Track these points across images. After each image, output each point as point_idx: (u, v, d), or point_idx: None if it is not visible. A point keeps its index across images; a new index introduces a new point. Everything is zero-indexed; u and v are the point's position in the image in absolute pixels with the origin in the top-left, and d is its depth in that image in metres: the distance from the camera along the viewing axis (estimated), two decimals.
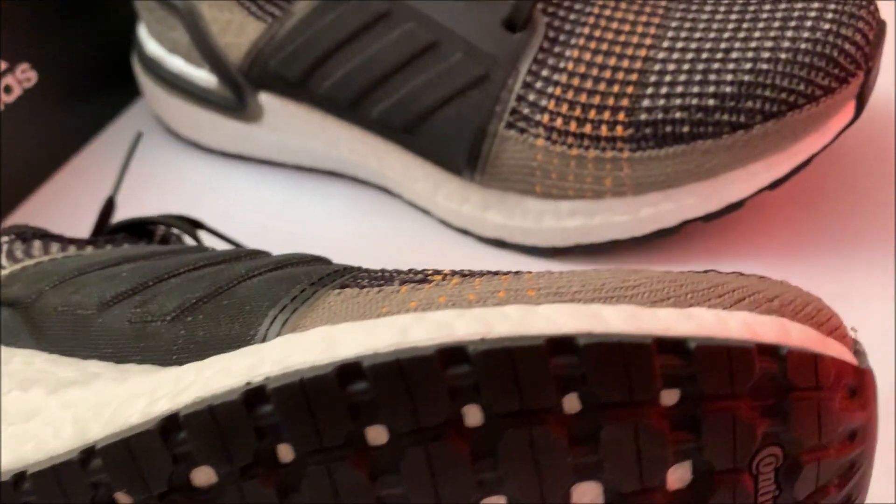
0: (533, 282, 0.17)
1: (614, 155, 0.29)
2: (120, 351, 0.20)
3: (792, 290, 0.18)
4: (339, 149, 0.35)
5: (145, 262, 0.22)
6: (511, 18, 0.30)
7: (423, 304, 0.17)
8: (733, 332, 0.15)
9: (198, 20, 0.35)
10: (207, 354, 0.18)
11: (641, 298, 0.16)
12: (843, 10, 0.28)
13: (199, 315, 0.19)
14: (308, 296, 0.18)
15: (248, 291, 0.19)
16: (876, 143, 0.33)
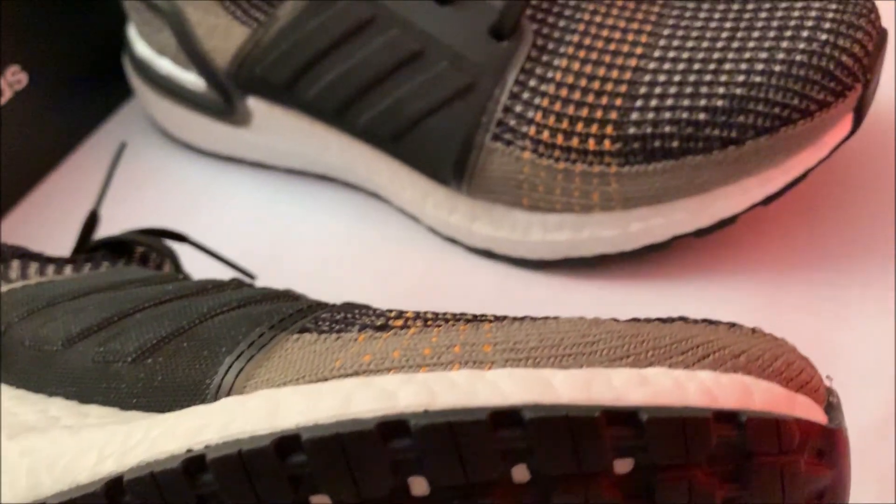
0: (491, 335, 0.17)
1: (602, 169, 0.28)
2: (83, 390, 0.20)
3: (761, 343, 0.17)
4: (329, 154, 0.34)
5: (114, 294, 0.22)
6: (498, 26, 0.29)
7: (377, 358, 0.16)
8: (690, 399, 0.15)
9: (183, 23, 0.34)
10: (164, 402, 0.18)
11: (599, 357, 0.16)
12: (841, 20, 0.27)
13: (159, 357, 0.19)
14: (266, 341, 0.18)
15: (208, 333, 0.19)
16: (875, 155, 0.32)
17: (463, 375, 0.15)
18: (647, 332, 0.17)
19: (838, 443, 0.17)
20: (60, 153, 0.39)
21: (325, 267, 0.33)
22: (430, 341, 0.17)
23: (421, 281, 0.32)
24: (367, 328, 0.18)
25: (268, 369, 0.17)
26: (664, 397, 0.15)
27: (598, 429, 0.14)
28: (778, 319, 0.28)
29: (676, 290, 0.30)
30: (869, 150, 0.32)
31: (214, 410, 0.15)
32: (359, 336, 0.17)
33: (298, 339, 0.18)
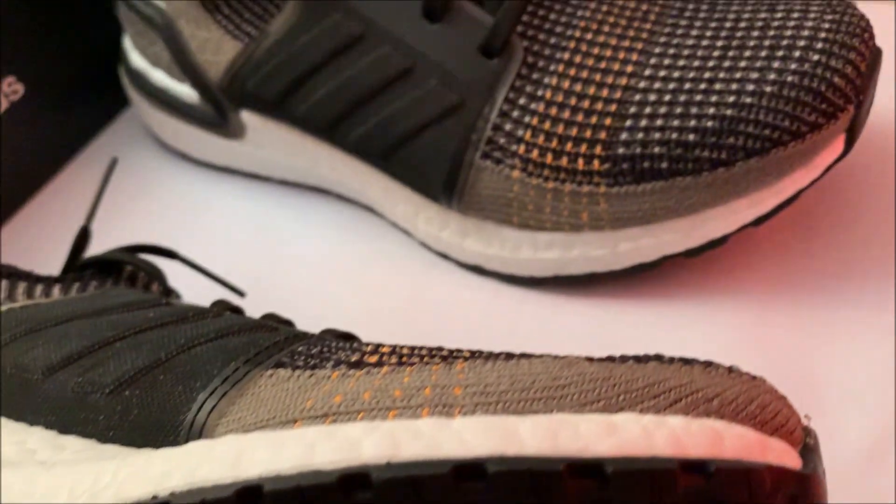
0: (463, 376, 0.17)
1: (591, 189, 0.28)
2: (63, 420, 0.20)
3: (736, 386, 0.17)
4: (321, 168, 0.34)
5: (96, 320, 0.22)
6: (487, 44, 0.29)
7: (348, 399, 0.16)
8: (658, 448, 0.15)
9: (176, 36, 0.34)
10: (139, 437, 0.18)
11: (570, 401, 0.16)
12: (833, 40, 0.27)
13: (136, 390, 0.19)
14: (240, 377, 0.18)
15: (184, 366, 0.19)
16: (869, 174, 0.32)
17: (429, 424, 0.15)
18: (620, 374, 0.16)
19: (813, 488, 0.16)
20: (57, 163, 0.39)
21: (317, 280, 0.33)
22: (402, 382, 0.16)
23: (412, 296, 0.32)
24: (341, 364, 0.18)
25: (240, 407, 0.17)
26: (631, 447, 0.15)
27: (562, 482, 0.14)
28: (767, 340, 0.28)
29: (666, 309, 0.29)
30: (863, 169, 0.32)
31: (182, 455, 0.15)
32: (332, 373, 0.17)
33: (273, 374, 0.18)
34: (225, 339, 0.20)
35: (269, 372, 0.18)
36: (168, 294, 0.26)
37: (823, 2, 0.28)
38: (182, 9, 0.33)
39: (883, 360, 0.27)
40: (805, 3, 0.28)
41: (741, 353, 0.28)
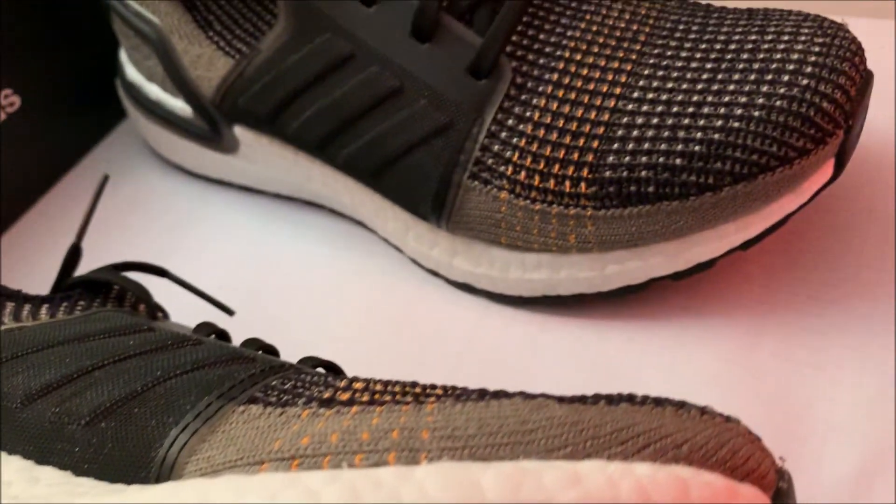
0: (432, 418, 0.17)
1: (578, 212, 0.28)
2: (40, 450, 0.20)
3: (707, 430, 0.17)
4: (314, 183, 0.34)
5: (77, 347, 0.22)
6: (476, 65, 0.29)
7: (315, 442, 0.16)
8: (623, 498, 0.15)
9: (169, 51, 0.34)
10: (112, 471, 0.18)
11: (537, 447, 0.16)
12: (823, 64, 0.26)
13: (111, 422, 0.19)
14: (212, 412, 0.18)
15: (159, 399, 0.19)
16: (862, 193, 0.32)
17: (391, 473, 0.15)
18: (589, 418, 0.16)
19: None
20: (54, 174, 0.40)
21: (309, 295, 0.33)
22: (370, 424, 0.17)
23: (402, 313, 0.32)
24: (312, 401, 0.18)
25: (211, 445, 0.17)
26: (596, 498, 0.15)
27: None
28: (755, 365, 0.28)
29: (654, 331, 0.29)
30: (855, 191, 0.32)
31: (148, 499, 0.15)
32: (303, 412, 0.17)
33: (245, 410, 0.18)
34: (201, 372, 0.20)
35: (241, 408, 0.18)
36: (154, 315, 0.26)
37: (815, 24, 0.28)
38: (175, 25, 0.33)
39: (872, 387, 0.27)
40: (796, 25, 0.28)
41: (728, 377, 0.28)
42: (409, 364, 0.30)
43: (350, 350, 0.31)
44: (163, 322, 0.26)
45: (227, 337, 0.26)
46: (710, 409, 0.18)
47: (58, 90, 0.39)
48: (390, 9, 0.29)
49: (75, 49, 0.39)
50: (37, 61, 0.37)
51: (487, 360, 0.30)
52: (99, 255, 0.36)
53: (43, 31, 0.38)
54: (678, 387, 0.28)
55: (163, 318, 0.28)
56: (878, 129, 0.34)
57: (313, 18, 0.30)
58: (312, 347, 0.31)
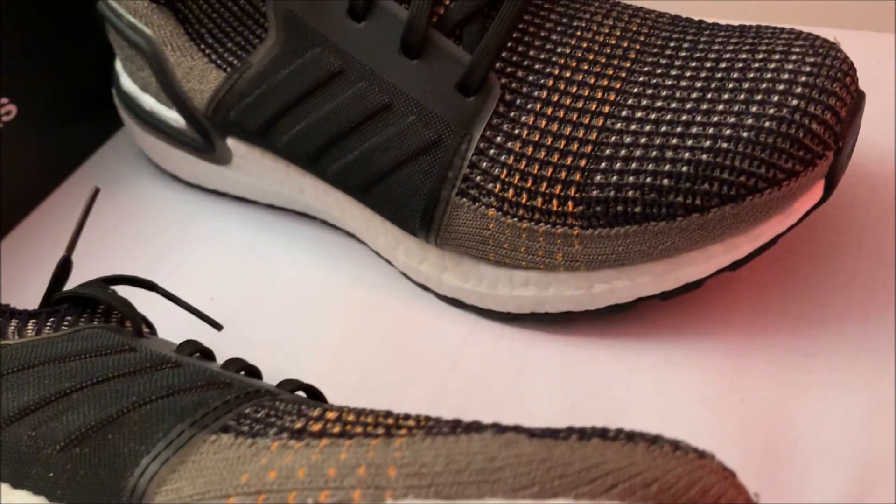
0: (399, 454, 0.17)
1: (565, 231, 0.28)
2: (17, 474, 0.20)
3: (679, 468, 0.17)
4: (306, 196, 0.34)
5: (58, 367, 0.22)
6: (464, 82, 0.29)
7: (282, 476, 0.16)
8: None
9: (163, 63, 0.34)
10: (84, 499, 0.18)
11: (503, 485, 0.16)
12: (814, 84, 0.26)
13: (85, 448, 0.19)
14: (183, 441, 0.18)
15: (132, 426, 0.19)
16: (856, 212, 0.31)
17: None
18: (558, 455, 0.16)
19: None
20: (52, 182, 0.40)
21: (299, 308, 0.33)
22: (338, 459, 0.16)
23: (391, 327, 0.32)
24: (283, 432, 0.18)
25: (180, 475, 0.18)
26: None
27: None
28: (742, 386, 0.28)
29: (641, 350, 0.29)
30: (847, 209, 0.31)
31: None
32: (273, 443, 0.17)
33: (216, 440, 0.18)
34: (175, 397, 0.20)
35: (212, 437, 0.18)
36: (140, 331, 0.26)
37: (806, 43, 0.27)
38: (168, 37, 0.33)
39: (861, 410, 0.27)
40: (787, 43, 0.28)
41: (715, 398, 0.27)
42: (397, 379, 0.30)
43: (339, 364, 0.31)
44: (147, 339, 0.26)
45: (210, 355, 0.26)
46: (685, 445, 0.18)
47: (54, 99, 0.39)
48: (379, 25, 0.29)
49: (72, 58, 0.39)
50: (33, 70, 0.37)
51: (476, 376, 0.30)
52: (94, 264, 0.36)
53: (40, 40, 0.38)
54: (665, 407, 0.28)
55: (149, 334, 0.28)
56: (874, 146, 0.33)
57: (303, 33, 0.30)
58: (301, 361, 0.31)
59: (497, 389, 0.29)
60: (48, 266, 0.35)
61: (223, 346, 0.31)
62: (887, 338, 0.28)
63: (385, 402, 0.29)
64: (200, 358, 0.26)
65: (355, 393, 0.30)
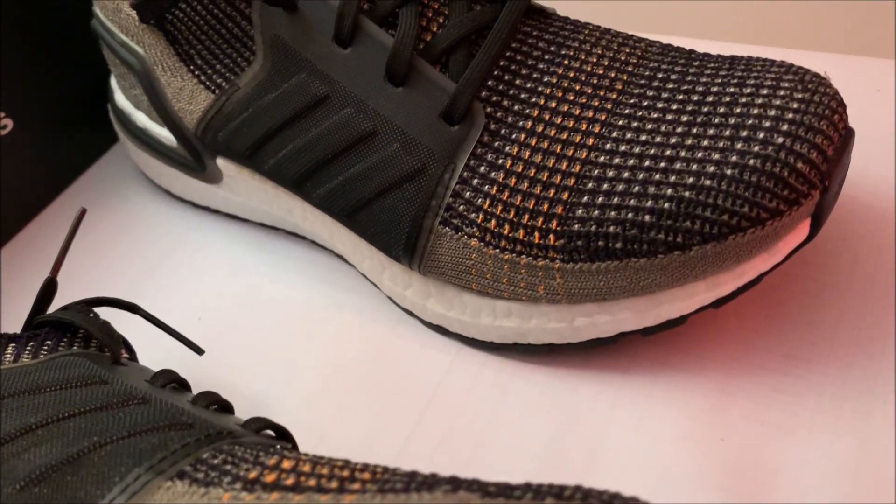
0: None
1: (546, 264, 0.27)
2: None
3: None
4: (295, 217, 0.34)
5: (27, 400, 0.22)
6: (449, 111, 0.28)
7: None
8: None
9: (154, 82, 0.34)
10: None
11: None
12: (800, 122, 0.25)
13: (44, 489, 0.19)
14: (139, 487, 0.18)
15: (90, 468, 0.19)
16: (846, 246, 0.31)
17: None
18: None
19: None
20: (48, 195, 0.40)
21: (283, 330, 0.33)
22: None
23: (376, 352, 0.32)
24: (237, 482, 0.18)
25: None
26: None
27: None
28: (724, 425, 0.27)
29: (623, 385, 0.29)
30: (839, 242, 0.31)
31: None
32: (224, 494, 0.17)
33: (170, 487, 0.18)
34: (137, 438, 0.20)
35: (167, 483, 0.18)
36: (117, 358, 0.26)
37: (795, 77, 0.27)
38: (158, 57, 0.33)
39: (843, 453, 0.26)
40: (776, 77, 0.27)
41: (695, 436, 0.27)
42: (379, 407, 0.30)
43: (321, 389, 0.31)
44: (123, 367, 0.26)
45: (185, 385, 0.26)
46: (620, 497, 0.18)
47: (51, 113, 0.39)
48: (365, 52, 0.29)
49: (69, 73, 0.39)
50: (30, 85, 0.38)
51: (457, 406, 0.30)
52: (87, 278, 0.36)
53: (36, 55, 0.38)
54: (644, 444, 0.27)
55: (128, 360, 0.28)
56: (868, 177, 0.33)
57: (289, 58, 0.30)
58: (284, 385, 0.31)
59: (477, 420, 0.29)
60: (43, 278, 0.35)
61: (207, 367, 0.31)
62: (874, 381, 0.27)
63: (365, 430, 0.29)
64: (174, 389, 0.26)
65: (336, 419, 0.30)
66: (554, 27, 0.30)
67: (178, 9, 0.31)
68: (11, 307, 0.36)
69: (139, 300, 0.35)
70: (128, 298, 0.35)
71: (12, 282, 0.37)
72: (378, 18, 0.29)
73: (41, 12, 0.38)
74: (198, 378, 0.32)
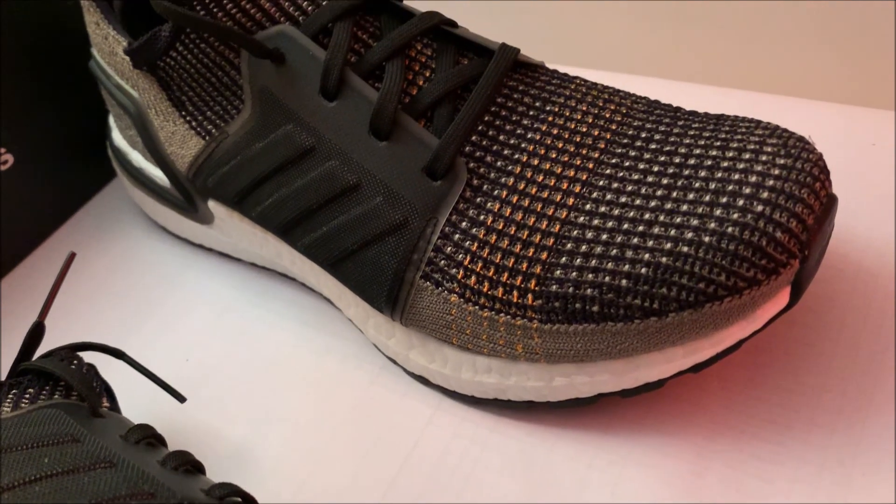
0: None
1: (524, 323, 0.27)
2: None
3: None
4: (283, 260, 0.34)
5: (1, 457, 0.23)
6: (432, 166, 0.28)
7: None
8: None
9: (147, 125, 0.34)
10: None
11: None
12: (781, 189, 0.25)
13: None
14: None
15: None
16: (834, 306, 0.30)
17: None
18: None
19: None
20: (48, 228, 0.40)
21: (269, 373, 0.33)
22: None
23: (357, 400, 0.32)
24: None
25: None
26: None
27: None
28: (699, 491, 0.27)
29: (601, 445, 0.28)
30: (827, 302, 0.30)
31: None
32: None
33: None
34: None
35: None
36: (96, 411, 0.27)
37: (779, 141, 0.27)
38: (152, 101, 0.33)
39: None
40: (760, 141, 0.27)
41: (671, 501, 0.27)
42: (357, 456, 0.30)
43: (300, 436, 0.31)
44: (100, 420, 0.26)
45: (162, 441, 0.26)
46: None
47: (51, 149, 0.39)
48: (350, 105, 0.29)
49: (69, 109, 0.40)
50: (30, 121, 0.38)
51: (435, 459, 0.29)
52: (81, 314, 0.36)
53: (37, 91, 0.38)
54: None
55: (108, 410, 0.28)
56: (858, 236, 0.32)
57: (276, 109, 0.30)
58: (265, 430, 0.31)
59: (455, 476, 0.29)
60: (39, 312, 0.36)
61: (191, 409, 0.32)
62: (854, 451, 0.27)
63: (344, 480, 0.29)
64: (149, 445, 0.26)
65: (316, 468, 0.30)
66: (540, 81, 0.30)
67: (169, 56, 0.31)
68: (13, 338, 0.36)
69: (131, 338, 0.35)
70: (120, 335, 0.36)
71: (12, 314, 0.37)
72: (364, 72, 0.29)
73: (42, 51, 0.38)
74: (181, 421, 0.32)
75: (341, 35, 0.29)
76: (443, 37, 0.30)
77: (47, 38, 0.38)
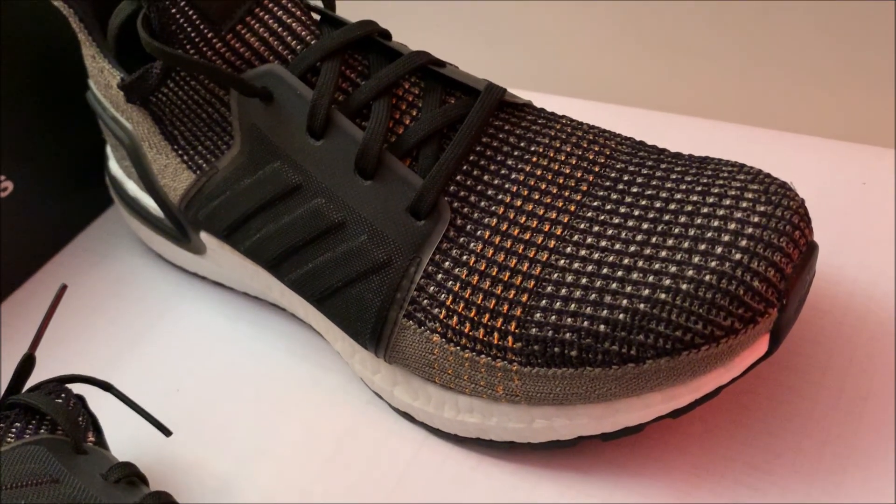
0: None
1: (504, 365, 0.27)
2: None
3: None
4: (273, 292, 0.35)
5: None
6: (415, 206, 0.29)
7: None
8: None
9: (141, 157, 0.35)
10: None
11: None
12: (760, 237, 0.25)
13: None
14: None
15: None
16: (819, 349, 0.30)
17: None
18: None
19: None
20: (47, 254, 0.41)
21: (256, 405, 0.33)
22: None
23: (342, 435, 0.32)
24: None
25: None
26: None
27: None
28: None
29: (582, 488, 0.28)
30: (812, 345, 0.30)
31: None
32: None
33: None
34: None
35: None
36: (80, 447, 0.27)
37: (760, 188, 0.26)
38: (145, 134, 0.34)
39: None
40: (741, 187, 0.27)
41: None
42: (340, 492, 0.30)
43: (284, 471, 0.31)
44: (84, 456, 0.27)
45: (143, 479, 0.27)
46: None
47: (49, 176, 0.40)
48: (336, 144, 0.29)
49: (68, 137, 0.40)
50: (29, 148, 0.39)
51: (417, 497, 0.30)
52: (75, 340, 0.37)
53: (37, 120, 0.39)
54: None
55: (93, 444, 0.28)
56: (846, 278, 0.32)
57: (265, 146, 0.31)
58: (250, 464, 0.31)
59: None
60: None
61: (179, 441, 0.32)
62: (835, 498, 0.27)
63: None
64: (130, 484, 0.26)
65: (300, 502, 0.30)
66: (526, 121, 0.30)
67: (161, 92, 0.32)
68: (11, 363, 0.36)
69: (123, 367, 0.36)
70: (113, 364, 0.36)
71: (10, 340, 0.38)
72: (351, 111, 0.30)
73: (43, 80, 0.39)
74: (169, 453, 0.32)
75: (329, 74, 0.30)
76: (430, 76, 0.31)
77: (47, 67, 0.39)
